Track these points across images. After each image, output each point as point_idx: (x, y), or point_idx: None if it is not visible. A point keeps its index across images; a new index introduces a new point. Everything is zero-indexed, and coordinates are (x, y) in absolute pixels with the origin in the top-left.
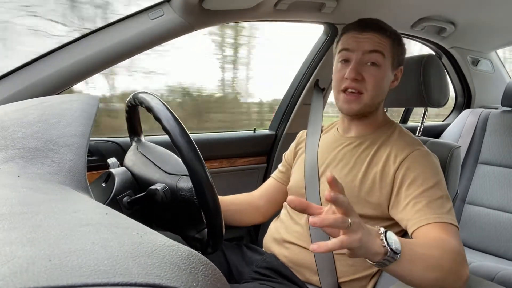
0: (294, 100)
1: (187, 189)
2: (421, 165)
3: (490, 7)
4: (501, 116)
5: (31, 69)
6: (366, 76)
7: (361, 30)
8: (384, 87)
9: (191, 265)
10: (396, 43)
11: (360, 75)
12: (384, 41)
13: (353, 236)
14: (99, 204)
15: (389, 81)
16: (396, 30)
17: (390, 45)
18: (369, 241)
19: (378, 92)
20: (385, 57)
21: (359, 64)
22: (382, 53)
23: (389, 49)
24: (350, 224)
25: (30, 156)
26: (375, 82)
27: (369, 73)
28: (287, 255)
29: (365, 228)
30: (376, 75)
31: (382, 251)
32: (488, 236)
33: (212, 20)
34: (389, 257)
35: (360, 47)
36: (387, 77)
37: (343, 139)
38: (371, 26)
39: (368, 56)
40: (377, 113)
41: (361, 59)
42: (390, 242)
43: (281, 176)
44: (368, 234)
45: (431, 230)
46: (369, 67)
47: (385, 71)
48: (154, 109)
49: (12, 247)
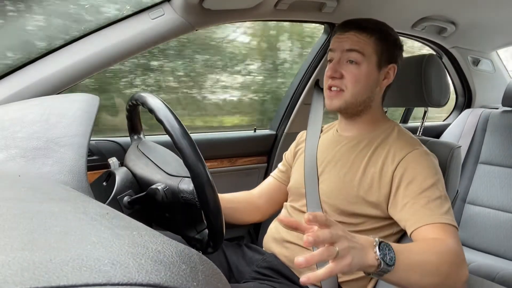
0: (294, 100)
1: (188, 191)
2: (420, 165)
3: (491, 7)
4: (501, 116)
5: (31, 69)
6: (345, 74)
7: (343, 30)
8: (367, 84)
9: (191, 265)
10: (382, 40)
11: (338, 72)
12: (364, 39)
13: (342, 262)
14: (99, 204)
15: (374, 79)
16: (385, 27)
17: (373, 43)
18: (362, 257)
19: (359, 89)
20: (365, 55)
21: (338, 62)
22: (360, 52)
23: (370, 47)
24: (338, 252)
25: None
26: (354, 79)
27: (348, 71)
28: (287, 255)
29: (357, 245)
30: (355, 73)
31: (376, 263)
32: (489, 236)
33: (213, 20)
34: (383, 269)
35: (340, 47)
36: (370, 75)
37: (341, 138)
38: (351, 26)
39: (346, 54)
40: (371, 111)
41: (341, 58)
42: (383, 253)
43: (281, 176)
44: (360, 251)
45: (430, 231)
46: (348, 65)
47: (366, 69)
48: (156, 110)
49: (12, 247)
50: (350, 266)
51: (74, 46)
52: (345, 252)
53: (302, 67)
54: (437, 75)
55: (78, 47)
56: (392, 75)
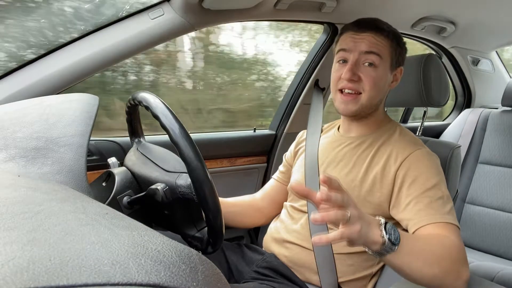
0: (294, 100)
1: (185, 186)
2: (422, 165)
3: (491, 7)
4: (501, 116)
5: (31, 69)
6: (363, 77)
7: (359, 30)
8: (382, 87)
9: (191, 265)
10: (395, 43)
11: (356, 75)
12: (382, 41)
13: (352, 228)
14: (99, 204)
15: (387, 82)
16: (396, 29)
17: (388, 46)
18: (369, 231)
19: (376, 93)
20: (382, 58)
21: (356, 64)
22: (378, 55)
23: (387, 50)
24: (350, 217)
25: (30, 155)
26: (373, 82)
27: (366, 73)
28: (287, 255)
29: (365, 218)
30: (373, 76)
31: (380, 241)
32: (488, 235)
33: (212, 20)
34: (387, 247)
35: (357, 48)
36: (385, 77)
37: (343, 139)
38: (368, 26)
39: (364, 56)
40: (377, 113)
41: (358, 59)
42: (389, 232)
43: (281, 177)
44: (367, 224)
45: (432, 230)
46: (366, 67)
47: (383, 72)
48: (152, 106)
49: (12, 247)
50: (359, 233)
51: (74, 46)
52: (355, 220)
53: (302, 67)
54: (436, 75)
55: (78, 47)
56: (399, 77)
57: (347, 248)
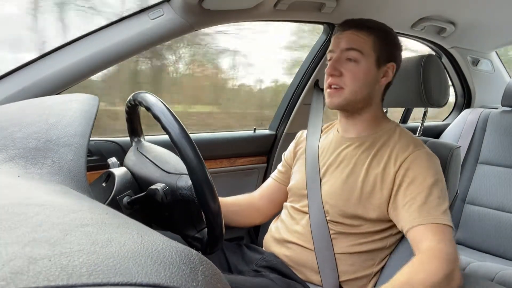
0: (294, 100)
1: (186, 188)
2: (421, 166)
3: (490, 7)
4: (501, 116)
5: (31, 69)
6: (344, 71)
7: (342, 30)
8: (366, 82)
9: (191, 265)
10: (381, 39)
11: (338, 70)
12: (363, 37)
13: None
14: (99, 204)
15: (373, 77)
16: (386, 27)
17: (371, 41)
18: None
19: (358, 87)
20: (364, 54)
21: (338, 61)
22: (359, 50)
23: (368, 45)
24: None
25: (30, 156)
26: (353, 77)
27: (347, 68)
28: (288, 255)
29: None
30: (354, 70)
31: None
32: (488, 236)
33: (212, 20)
34: None
35: (339, 46)
36: (369, 72)
37: (343, 140)
38: (350, 25)
39: (345, 53)
40: (371, 110)
41: (340, 56)
42: None
43: (280, 177)
44: None
45: (423, 231)
46: (347, 62)
47: (366, 67)
48: (153, 107)
49: (12, 247)
50: None
51: (74, 46)
52: None
53: (302, 67)
54: (436, 75)
55: (78, 47)
56: (391, 74)
57: (348, 248)
